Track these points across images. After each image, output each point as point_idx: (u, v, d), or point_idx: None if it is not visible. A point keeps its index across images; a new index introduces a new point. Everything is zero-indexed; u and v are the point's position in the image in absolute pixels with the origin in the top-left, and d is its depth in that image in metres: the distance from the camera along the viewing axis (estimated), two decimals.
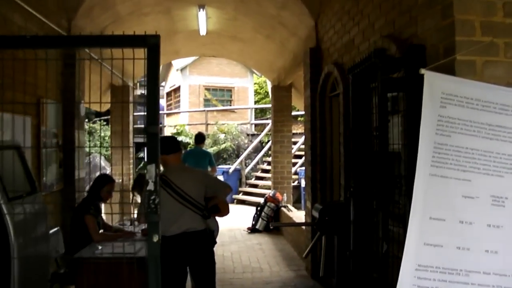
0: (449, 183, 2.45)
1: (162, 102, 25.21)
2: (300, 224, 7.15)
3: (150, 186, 2.72)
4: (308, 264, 6.42)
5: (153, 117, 2.74)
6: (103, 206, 5.72)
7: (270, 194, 10.19)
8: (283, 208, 9.60)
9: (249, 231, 9.95)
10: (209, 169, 9.09)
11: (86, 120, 17.47)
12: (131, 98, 10.60)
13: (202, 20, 8.30)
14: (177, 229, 3.98)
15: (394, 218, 3.02)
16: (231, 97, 23.33)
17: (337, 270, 4.48)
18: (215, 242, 4.44)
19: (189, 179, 4.14)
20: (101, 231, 5.15)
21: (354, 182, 3.54)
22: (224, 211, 4.82)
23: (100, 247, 4.48)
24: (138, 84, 24.19)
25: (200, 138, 9.75)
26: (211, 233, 4.32)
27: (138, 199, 5.40)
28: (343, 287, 4.32)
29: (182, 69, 22.20)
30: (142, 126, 23.76)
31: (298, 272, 6.61)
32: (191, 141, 17.72)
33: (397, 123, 3.36)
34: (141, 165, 20.16)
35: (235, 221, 11.28)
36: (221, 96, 23.33)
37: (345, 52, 5.16)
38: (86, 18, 6.85)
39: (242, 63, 13.07)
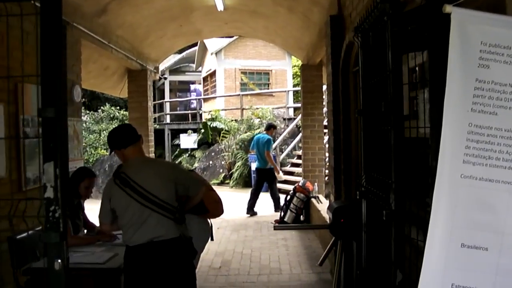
0: (498, 190, 1.52)
1: (199, 87, 24.69)
2: (311, 227, 6.26)
3: (49, 193, 1.93)
4: (333, 267, 5.52)
5: (50, 97, 1.91)
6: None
7: (300, 184, 9.26)
8: (313, 199, 8.67)
9: (276, 223, 9.09)
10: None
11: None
12: (149, 83, 9.85)
13: None
14: (141, 238, 3.16)
15: (416, 234, 2.09)
16: (268, 80, 22.42)
17: (355, 284, 3.58)
18: (195, 253, 3.47)
19: (153, 174, 3.26)
20: (84, 232, 4.48)
21: (365, 178, 2.63)
22: (214, 210, 4.03)
23: (71, 255, 3.75)
24: (167, 70, 23.79)
25: (267, 126, 11.39)
26: (188, 242, 3.37)
27: None
28: None
29: (217, 53, 21.47)
30: (182, 112, 23.69)
31: (321, 275, 5.74)
32: (227, 127, 17.03)
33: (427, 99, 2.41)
34: (177, 152, 19.73)
35: (265, 211, 10.53)
36: (258, 80, 22.45)
37: None
38: None
39: (269, 41, 12.10)
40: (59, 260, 1.93)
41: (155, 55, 10.14)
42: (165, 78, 22.20)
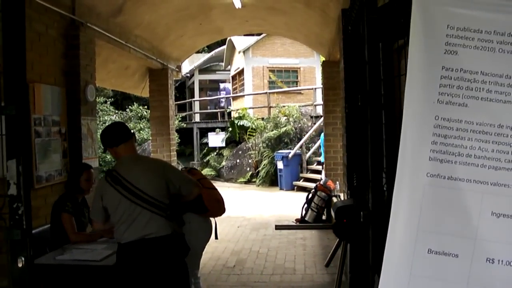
0: (467, 191, 1.38)
1: (229, 85, 24.71)
2: (314, 227, 6.11)
3: (12, 190, 1.88)
4: (347, 268, 5.37)
5: (11, 95, 1.86)
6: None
7: (321, 182, 9.13)
8: (334, 198, 8.50)
9: (297, 222, 8.98)
10: None
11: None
12: (170, 82, 9.86)
13: None
14: (132, 235, 3.15)
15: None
16: (297, 78, 22.23)
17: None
18: (188, 250, 3.39)
19: (145, 172, 3.25)
20: (89, 228, 4.49)
21: (356, 177, 2.49)
22: (215, 209, 3.96)
23: (71, 251, 3.77)
24: (196, 69, 23.90)
25: None
26: (181, 239, 3.33)
27: None
28: None
29: (244, 51, 21.41)
30: (211, 111, 23.77)
31: (335, 276, 5.55)
32: (254, 125, 16.95)
33: None
34: (205, 150, 19.78)
35: (289, 210, 10.42)
36: (286, 78, 22.28)
37: None
38: None
39: (291, 38, 11.97)
40: (23, 258, 1.88)
41: (176, 54, 10.14)
42: (189, 77, 22.27)
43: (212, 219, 4.17)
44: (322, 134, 11.56)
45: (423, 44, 1.37)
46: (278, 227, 6.90)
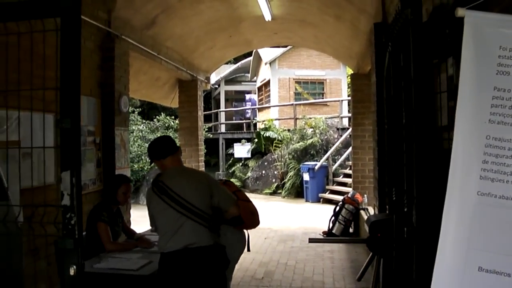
0: None
1: (254, 96, 24.83)
2: (346, 240, 6.07)
3: (65, 201, 1.95)
4: (379, 283, 5.33)
5: (68, 108, 1.94)
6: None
7: (349, 195, 9.09)
8: (362, 211, 8.46)
9: (324, 235, 8.96)
10: None
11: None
12: (199, 93, 9.98)
13: (263, 3, 7.45)
14: (176, 244, 3.21)
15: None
16: (323, 89, 22.22)
17: None
18: (228, 262, 3.48)
19: (191, 183, 3.34)
20: (124, 238, 4.56)
21: (395, 191, 2.50)
22: (250, 222, 4.00)
23: (107, 260, 3.84)
24: (222, 80, 24.06)
25: None
26: (222, 250, 3.40)
27: None
28: None
29: (271, 63, 21.52)
30: (237, 121, 23.91)
31: None
32: (280, 136, 16.99)
33: None
34: (230, 161, 19.89)
35: (316, 222, 10.40)
36: (312, 89, 22.29)
37: None
38: (129, 9, 6.31)
39: (319, 50, 11.99)
40: (74, 266, 1.95)
41: (205, 65, 10.27)
42: (216, 88, 22.44)
43: (245, 231, 4.21)
44: None
45: (475, 64, 1.39)
46: (312, 240, 6.88)
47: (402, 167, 2.41)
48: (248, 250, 4.46)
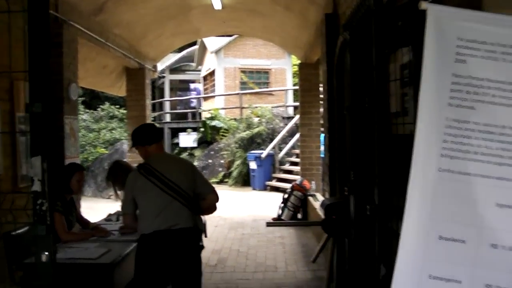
0: (474, 184, 1.54)
1: (200, 86, 24.71)
2: (304, 223, 6.27)
3: (36, 187, 1.95)
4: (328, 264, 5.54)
5: (37, 92, 1.93)
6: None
7: (297, 182, 9.31)
8: (310, 197, 8.70)
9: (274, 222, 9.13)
10: None
11: None
12: (147, 82, 9.87)
13: None
14: (159, 225, 3.29)
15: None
16: (268, 79, 22.44)
17: (346, 279, 3.59)
18: (203, 247, 3.69)
19: (177, 167, 3.53)
20: (78, 228, 4.50)
21: (354, 174, 2.65)
22: (211, 208, 4.09)
23: (64, 250, 3.79)
24: (167, 69, 23.81)
25: None
26: (200, 234, 3.61)
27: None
28: None
29: (216, 52, 21.48)
30: (182, 111, 23.71)
31: (317, 272, 5.76)
32: (226, 125, 17.08)
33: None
34: (176, 151, 19.76)
35: (264, 210, 10.55)
36: (258, 79, 22.46)
37: None
38: None
39: (268, 40, 12.11)
40: (46, 253, 1.95)
41: (153, 53, 10.16)
42: (163, 77, 22.19)
43: (202, 217, 4.27)
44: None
45: (436, 53, 1.53)
46: (269, 224, 7.05)
47: (361, 150, 2.55)
48: (205, 236, 4.54)
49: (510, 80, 1.52)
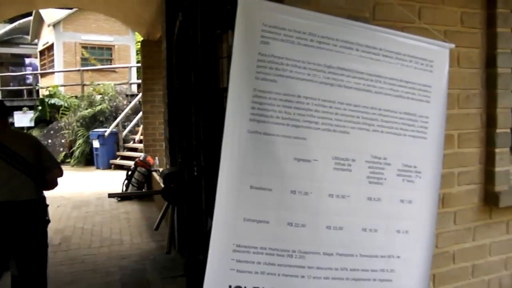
0: (276, 142, 1.90)
1: (36, 61, 23.15)
2: (144, 193, 6.51)
3: None
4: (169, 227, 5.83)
5: None
6: None
7: (141, 158, 9.43)
8: (154, 173, 8.88)
9: (119, 199, 9.16)
10: None
11: None
12: None
13: None
14: (2, 196, 3.26)
15: None
16: (111, 56, 21.83)
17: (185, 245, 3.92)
18: (49, 221, 3.75)
19: (23, 140, 3.53)
20: None
21: (185, 143, 2.94)
22: (53, 184, 4.13)
23: None
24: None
25: None
26: (45, 207, 3.63)
27: None
28: (189, 266, 3.76)
29: (55, 25, 20.26)
30: (17, 87, 21.96)
31: (161, 242, 6.02)
32: (67, 103, 16.36)
33: None
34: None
35: (109, 187, 10.46)
36: (100, 55, 21.71)
37: None
38: None
39: (110, 15, 11.81)
40: None
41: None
42: None
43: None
44: None
45: (245, 36, 1.86)
46: (111, 195, 7.09)
47: (192, 121, 2.82)
48: None
49: (303, 59, 1.91)
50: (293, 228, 1.97)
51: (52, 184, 3.95)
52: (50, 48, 21.09)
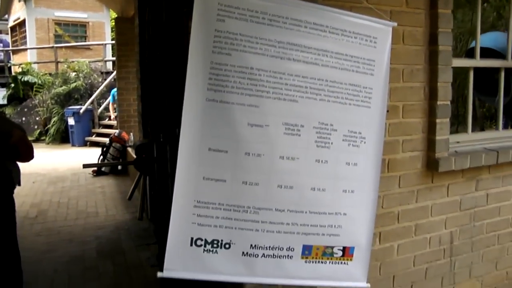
0: (232, 109, 2.14)
1: (7, 37, 22.76)
2: (117, 163, 6.70)
3: None
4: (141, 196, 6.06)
5: None
6: None
7: (116, 134, 9.57)
8: (129, 148, 9.05)
9: (94, 174, 9.34)
10: None
11: None
12: None
13: None
14: None
15: None
16: (85, 32, 21.64)
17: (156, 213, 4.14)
18: (14, 185, 3.71)
19: None
20: None
21: (156, 114, 3.15)
22: (26, 154, 4.21)
23: None
24: None
25: None
26: (9, 172, 3.61)
27: None
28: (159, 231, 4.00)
29: (26, 0, 19.94)
30: None
31: (135, 214, 6.24)
32: (41, 81, 16.28)
33: None
34: None
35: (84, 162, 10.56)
36: (74, 32, 21.51)
37: None
38: None
39: None
40: None
41: None
42: None
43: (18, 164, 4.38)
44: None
45: (203, 14, 2.07)
46: (85, 166, 7.25)
47: (159, 94, 3.03)
48: (19, 184, 4.66)
49: (255, 35, 2.13)
50: (247, 187, 2.22)
51: (25, 152, 3.94)
52: (22, 24, 20.80)
